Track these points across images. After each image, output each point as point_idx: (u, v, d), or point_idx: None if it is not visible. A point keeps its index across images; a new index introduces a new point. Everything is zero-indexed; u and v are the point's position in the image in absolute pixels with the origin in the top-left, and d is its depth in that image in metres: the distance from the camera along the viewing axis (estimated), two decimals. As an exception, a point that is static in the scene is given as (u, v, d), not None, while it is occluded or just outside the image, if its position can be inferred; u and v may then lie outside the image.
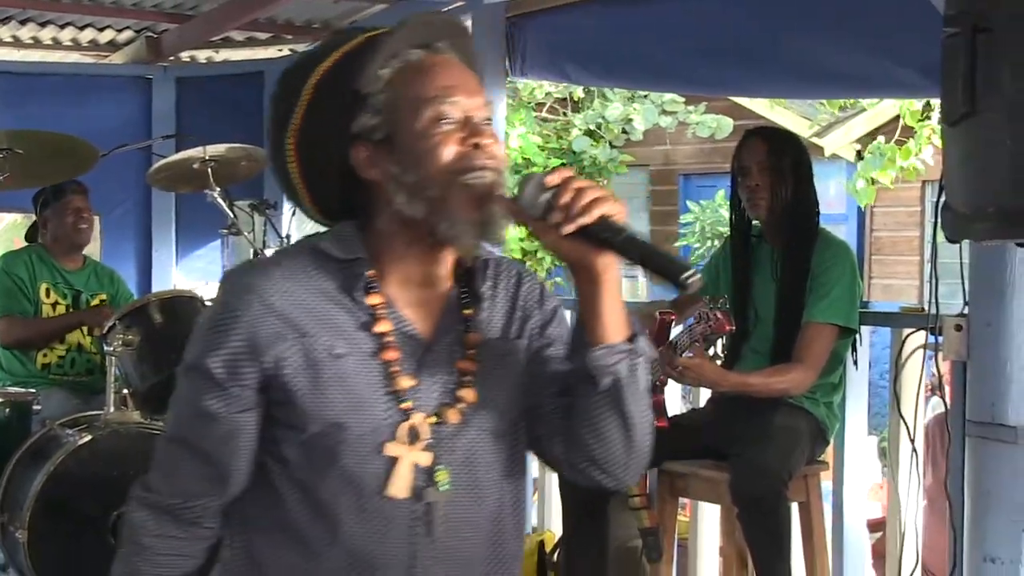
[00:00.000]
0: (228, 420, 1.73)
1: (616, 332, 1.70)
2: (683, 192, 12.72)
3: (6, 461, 4.22)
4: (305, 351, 1.70)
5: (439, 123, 1.71)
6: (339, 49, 1.79)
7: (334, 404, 1.70)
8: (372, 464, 1.70)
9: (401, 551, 1.72)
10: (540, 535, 4.87)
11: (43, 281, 5.01)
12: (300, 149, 1.77)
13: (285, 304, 1.71)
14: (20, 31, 6.26)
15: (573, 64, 5.30)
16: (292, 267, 1.75)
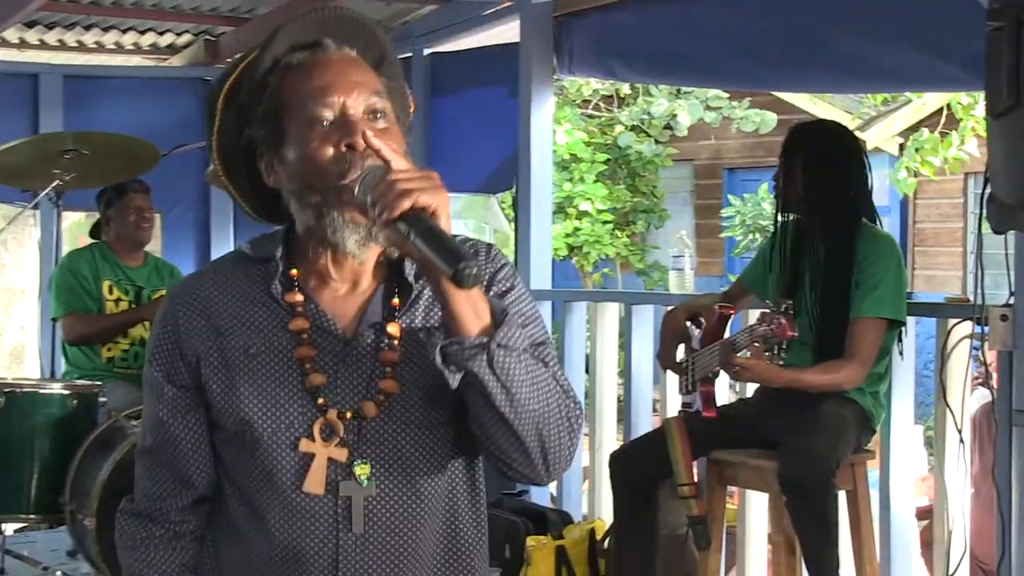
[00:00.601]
0: (174, 424, 1.74)
1: (472, 326, 1.58)
2: (728, 186, 12.67)
3: (74, 451, 4.26)
4: (221, 350, 1.70)
5: (312, 127, 1.66)
6: (241, 64, 1.75)
7: (246, 402, 1.68)
8: (287, 461, 1.67)
9: (326, 546, 1.68)
10: (591, 523, 4.86)
11: (106, 278, 5.05)
12: (223, 164, 1.76)
13: (208, 305, 1.72)
14: (85, 36, 6.32)
15: (619, 61, 5.29)
16: (220, 271, 1.77)
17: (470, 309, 1.58)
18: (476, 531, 1.80)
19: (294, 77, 1.69)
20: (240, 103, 1.71)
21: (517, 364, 1.59)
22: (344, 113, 1.66)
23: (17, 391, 4.33)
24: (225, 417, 1.70)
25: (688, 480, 3.78)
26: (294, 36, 1.71)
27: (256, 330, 1.70)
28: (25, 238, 8.05)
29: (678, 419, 3.87)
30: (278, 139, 1.69)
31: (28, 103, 6.13)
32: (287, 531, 1.68)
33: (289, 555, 1.68)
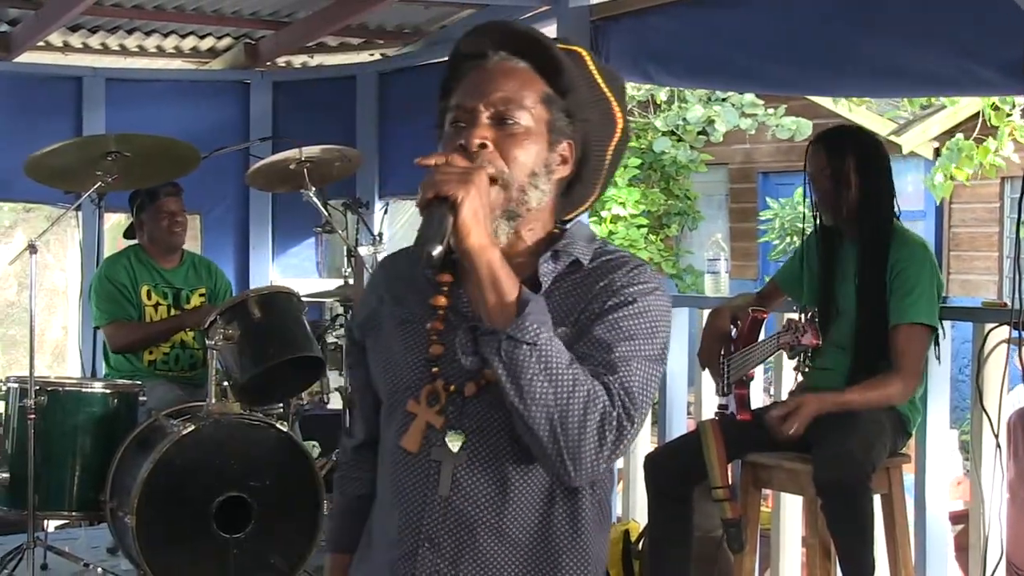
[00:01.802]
0: (352, 374, 2.04)
1: (494, 314, 1.69)
2: (762, 190, 12.61)
3: (114, 449, 4.28)
4: (378, 316, 1.93)
5: (449, 130, 1.83)
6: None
7: (384, 363, 1.90)
8: (397, 417, 1.85)
9: (415, 502, 1.81)
10: (625, 524, 4.85)
11: (144, 284, 5.07)
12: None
13: (387, 277, 1.97)
14: (127, 40, 6.35)
15: (656, 66, 5.26)
16: (408, 250, 1.90)
17: (493, 295, 1.69)
18: (573, 541, 1.82)
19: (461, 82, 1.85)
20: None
21: (528, 357, 1.66)
22: (474, 114, 1.81)
23: (59, 390, 4.37)
24: (373, 373, 1.93)
25: (723, 483, 3.76)
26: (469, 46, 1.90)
27: (410, 302, 1.89)
28: (67, 239, 8.09)
29: (713, 422, 3.86)
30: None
31: (72, 106, 6.17)
32: (393, 481, 1.86)
33: (394, 503, 1.85)
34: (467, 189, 1.68)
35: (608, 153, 1.92)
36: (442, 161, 1.72)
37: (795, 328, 3.65)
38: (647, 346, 1.77)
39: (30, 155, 4.72)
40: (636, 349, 1.76)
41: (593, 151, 1.90)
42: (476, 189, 1.69)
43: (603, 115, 1.90)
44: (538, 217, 1.85)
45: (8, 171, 5.69)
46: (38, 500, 4.21)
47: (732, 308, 4.01)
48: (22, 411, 4.25)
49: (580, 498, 1.82)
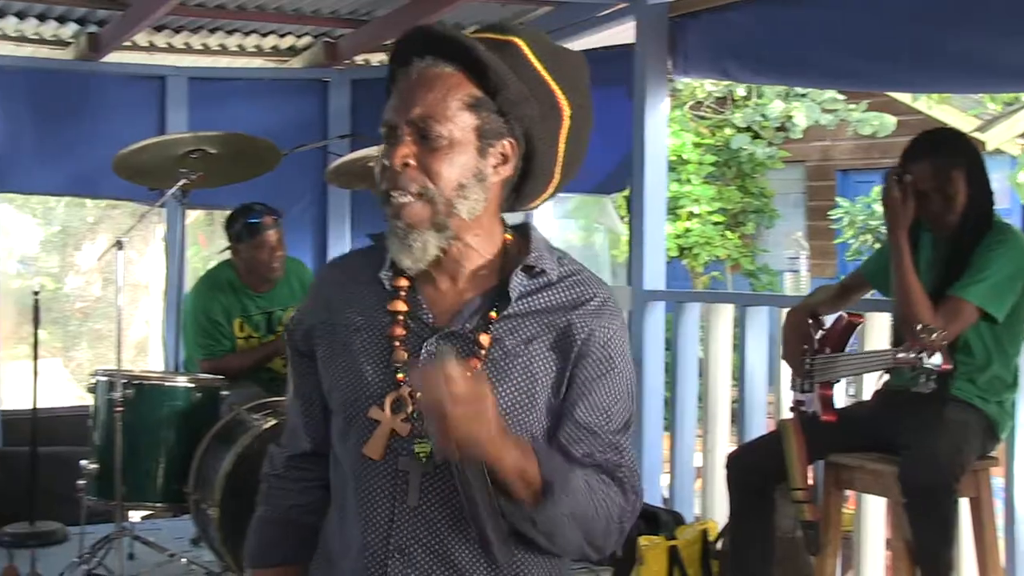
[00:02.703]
0: (297, 384, 1.98)
1: (521, 492, 1.70)
2: (840, 188, 12.47)
3: (197, 442, 4.34)
4: (329, 324, 1.88)
5: (382, 148, 1.80)
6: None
7: (339, 369, 1.86)
8: (358, 425, 1.81)
9: (382, 512, 1.79)
10: (703, 524, 4.82)
11: (236, 317, 5.08)
12: None
13: (330, 285, 1.93)
14: (209, 39, 6.43)
15: (735, 63, 5.24)
16: (350, 256, 2.01)
17: (518, 480, 1.69)
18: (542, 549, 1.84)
19: (392, 93, 1.83)
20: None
21: (561, 518, 1.72)
22: (396, 127, 1.78)
23: (145, 384, 4.44)
24: (325, 382, 1.89)
25: (802, 484, 3.73)
26: (400, 54, 1.85)
27: (362, 308, 1.86)
28: (149, 235, 8.25)
29: (795, 422, 3.82)
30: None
31: (155, 105, 6.26)
32: (356, 493, 1.83)
33: (357, 514, 1.82)
34: (485, 432, 1.62)
35: (560, 143, 1.86)
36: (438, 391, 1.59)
37: (920, 348, 3.27)
38: (630, 406, 1.89)
39: (118, 153, 4.80)
40: (624, 418, 1.88)
41: (540, 144, 1.84)
42: (490, 420, 1.63)
43: (546, 106, 1.84)
44: (478, 223, 1.83)
45: (95, 169, 5.80)
46: (125, 491, 4.28)
47: (811, 304, 3.97)
48: (109, 404, 4.32)
49: None
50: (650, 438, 5.37)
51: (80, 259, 11.07)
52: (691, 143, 10.90)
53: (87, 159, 5.97)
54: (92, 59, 6.14)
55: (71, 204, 10.69)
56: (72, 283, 11.14)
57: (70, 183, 6.30)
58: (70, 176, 6.16)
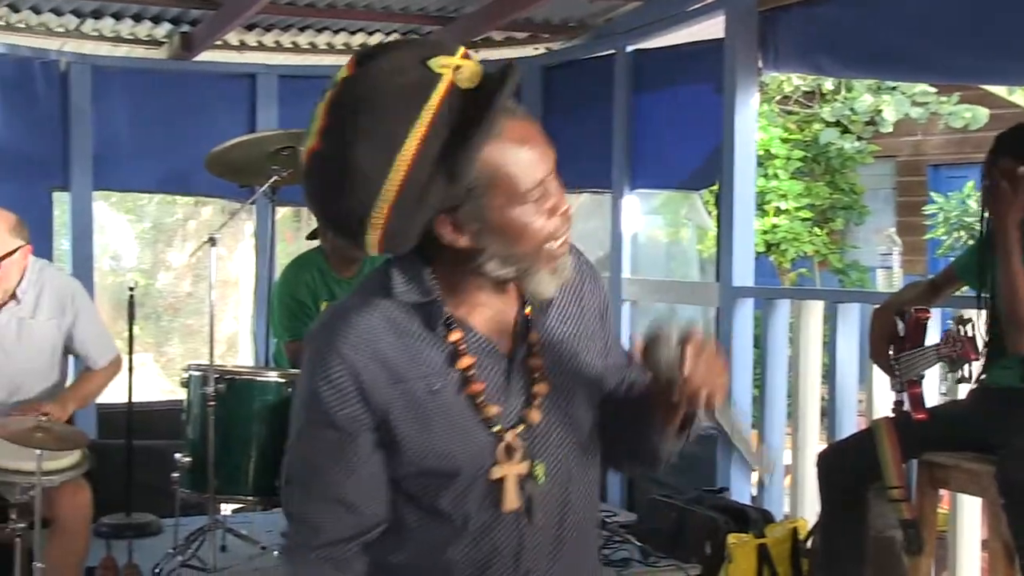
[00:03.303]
0: (364, 467, 1.76)
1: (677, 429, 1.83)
2: (932, 183, 12.27)
3: (288, 436, 4.38)
4: (405, 393, 1.73)
5: (528, 200, 1.69)
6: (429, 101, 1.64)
7: (442, 437, 1.74)
8: (480, 486, 1.77)
9: (511, 542, 1.80)
10: (793, 522, 4.78)
11: (322, 299, 5.13)
12: (391, 213, 1.66)
13: (380, 350, 1.73)
14: (298, 37, 6.49)
15: (827, 57, 5.18)
16: (376, 312, 1.76)
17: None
18: (595, 521, 2.00)
19: (501, 147, 1.67)
20: (438, 158, 1.64)
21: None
22: (547, 178, 1.72)
23: (237, 378, 4.49)
24: (422, 454, 1.75)
25: (898, 483, 3.69)
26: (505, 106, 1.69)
27: (430, 368, 1.75)
28: (238, 232, 8.35)
29: (887, 420, 3.78)
30: (483, 205, 1.68)
31: (246, 102, 6.33)
32: (478, 542, 1.80)
33: (478, 560, 1.80)
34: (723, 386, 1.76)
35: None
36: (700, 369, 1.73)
37: (953, 341, 3.58)
38: None
39: (210, 150, 4.87)
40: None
41: None
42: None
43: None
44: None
45: (187, 166, 5.89)
46: (217, 484, 4.35)
47: (898, 303, 3.91)
48: (202, 398, 4.39)
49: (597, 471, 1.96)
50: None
51: (171, 256, 11.25)
52: (779, 138, 10.80)
53: (179, 157, 6.07)
54: (185, 58, 6.24)
55: (162, 201, 10.87)
56: (163, 279, 11.32)
57: (163, 180, 6.40)
58: (163, 174, 6.27)
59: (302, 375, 1.79)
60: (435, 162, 1.63)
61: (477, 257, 1.73)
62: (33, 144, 5.91)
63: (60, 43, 6.16)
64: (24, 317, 4.18)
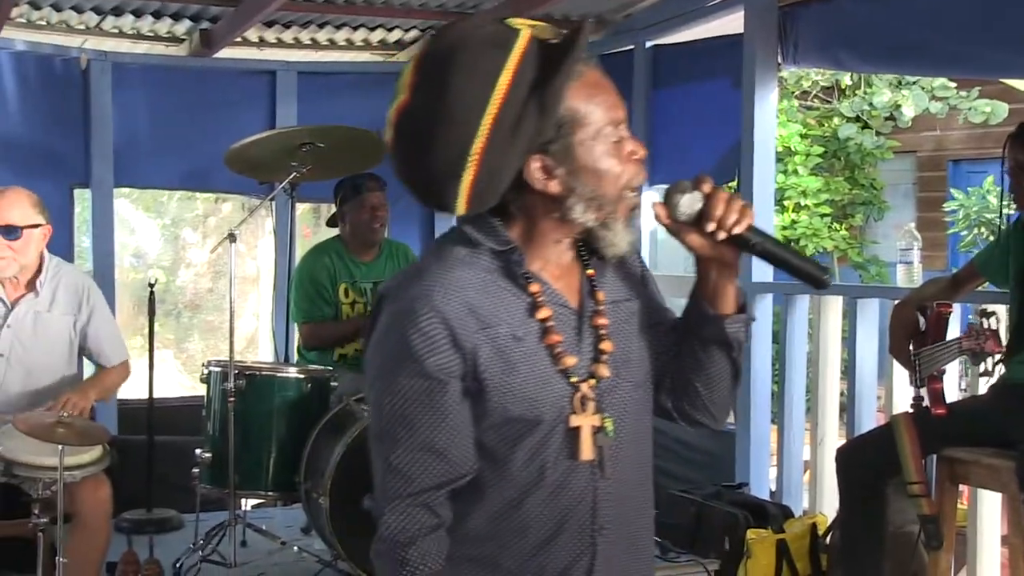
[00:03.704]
0: (456, 415, 1.78)
1: (734, 304, 1.91)
2: (952, 178, 12.22)
3: (308, 433, 4.41)
4: (491, 339, 1.77)
5: (610, 139, 1.79)
6: (507, 54, 1.73)
7: (526, 383, 1.79)
8: (558, 435, 1.81)
9: (586, 496, 1.84)
10: (812, 517, 4.78)
11: (342, 282, 5.17)
12: (486, 150, 1.72)
13: (468, 298, 1.77)
14: (318, 34, 6.50)
15: (847, 51, 5.16)
16: (462, 264, 1.80)
17: (736, 293, 1.91)
18: (651, 482, 2.02)
19: (588, 89, 1.78)
20: (529, 99, 1.72)
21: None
22: (624, 126, 1.83)
23: (257, 374, 4.52)
24: (507, 400, 1.78)
25: (918, 478, 3.68)
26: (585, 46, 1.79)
27: (513, 316, 1.80)
28: (258, 228, 8.37)
29: (906, 416, 3.77)
30: (571, 146, 1.77)
31: (266, 99, 6.36)
32: (556, 496, 1.82)
33: (556, 515, 1.83)
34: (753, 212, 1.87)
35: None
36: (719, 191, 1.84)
37: (977, 334, 3.58)
38: None
39: (230, 147, 4.89)
40: None
41: None
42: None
43: None
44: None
45: (206, 163, 5.92)
46: (237, 480, 4.38)
47: (919, 298, 3.90)
48: (223, 394, 4.41)
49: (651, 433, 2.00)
50: (758, 431, 5.34)
51: (191, 253, 11.29)
52: (798, 134, 10.76)
53: (199, 153, 6.09)
54: (205, 55, 6.26)
55: (182, 198, 10.91)
56: (183, 276, 11.36)
57: (183, 177, 6.43)
58: (183, 170, 6.30)
59: (385, 331, 1.80)
60: (526, 96, 1.72)
61: (564, 201, 1.79)
62: (54, 141, 5.94)
63: (81, 40, 6.19)
64: (41, 311, 4.19)
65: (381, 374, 1.81)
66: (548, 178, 1.77)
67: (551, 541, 1.84)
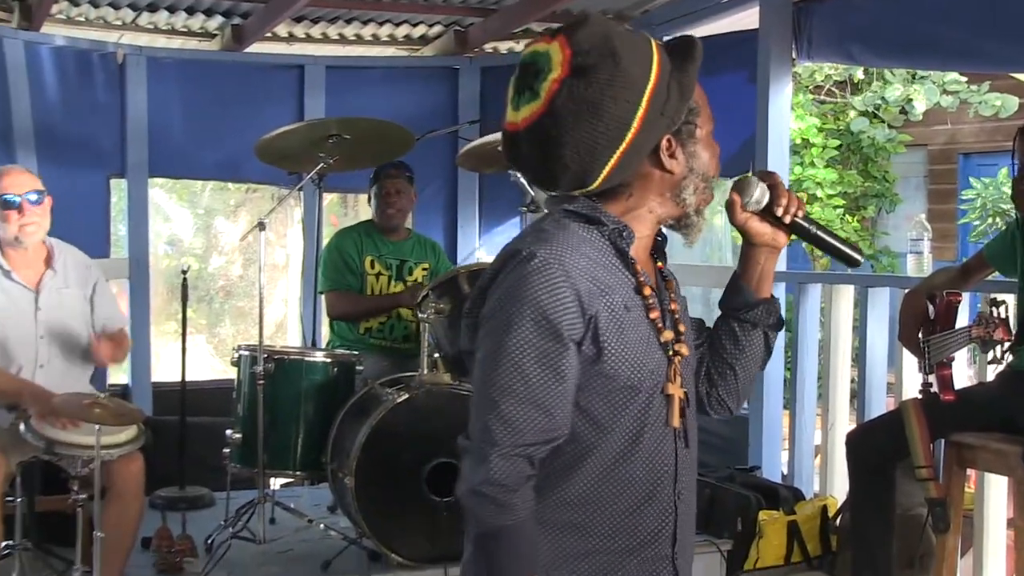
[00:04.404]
0: (570, 377, 1.82)
1: (771, 289, 2.06)
2: (963, 171, 12.15)
3: (334, 415, 4.42)
4: (609, 307, 1.83)
5: (710, 131, 1.92)
6: (651, 43, 1.85)
7: (629, 347, 1.85)
8: (657, 401, 1.88)
9: (671, 462, 1.92)
10: (822, 500, 4.78)
11: (368, 255, 5.23)
12: (641, 126, 1.81)
13: (589, 269, 1.83)
14: (345, 29, 6.52)
15: (860, 46, 5.14)
16: (579, 238, 1.86)
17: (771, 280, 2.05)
18: None
19: (698, 85, 1.89)
20: (673, 86, 1.83)
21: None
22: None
23: (285, 358, 4.53)
24: (619, 363, 1.84)
25: (926, 462, 3.67)
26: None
27: (624, 289, 1.87)
28: (287, 217, 8.39)
29: (915, 401, 3.76)
30: (692, 131, 1.89)
31: (294, 92, 6.37)
32: (650, 460, 1.89)
33: (649, 479, 1.89)
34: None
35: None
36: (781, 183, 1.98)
37: (986, 323, 3.57)
38: None
39: (260, 138, 4.89)
40: None
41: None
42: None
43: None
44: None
45: (238, 154, 5.94)
46: (266, 459, 4.39)
47: (929, 287, 3.89)
48: (252, 377, 4.43)
49: None
50: (771, 416, 5.33)
51: (223, 241, 11.32)
52: (815, 127, 10.72)
53: (231, 144, 6.11)
54: (236, 50, 6.28)
55: (215, 188, 10.94)
56: (215, 263, 11.40)
57: (215, 168, 6.45)
58: (215, 161, 6.31)
59: (514, 287, 1.82)
60: (669, 80, 1.82)
61: (681, 181, 1.90)
62: (91, 132, 5.97)
63: (117, 35, 6.22)
64: (60, 288, 4.25)
65: (505, 327, 1.81)
66: (674, 159, 1.88)
67: (644, 505, 1.89)
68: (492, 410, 1.81)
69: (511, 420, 1.80)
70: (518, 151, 1.87)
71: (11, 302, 4.16)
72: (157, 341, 6.43)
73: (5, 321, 4.14)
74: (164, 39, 6.39)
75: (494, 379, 1.82)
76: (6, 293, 4.16)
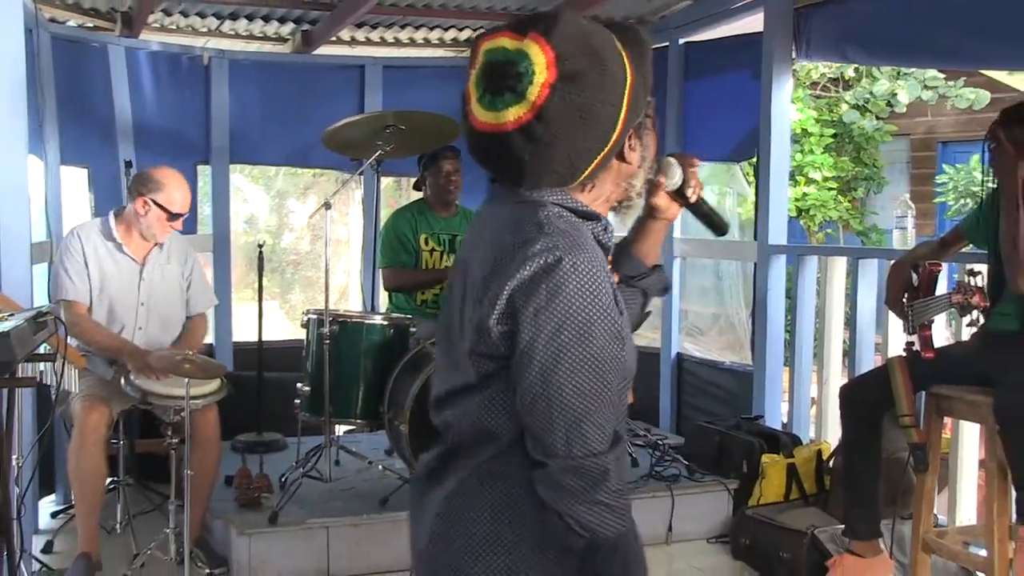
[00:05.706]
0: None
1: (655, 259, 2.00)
2: (941, 157, 12.04)
3: (391, 370, 4.43)
4: (618, 300, 1.61)
5: (653, 120, 1.77)
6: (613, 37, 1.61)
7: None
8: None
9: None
10: (818, 445, 4.76)
11: (423, 232, 5.20)
12: (624, 124, 1.62)
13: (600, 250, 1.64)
14: (401, 33, 6.49)
15: (854, 47, 5.07)
16: (579, 227, 1.63)
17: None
18: None
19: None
20: (642, 85, 1.63)
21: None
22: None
23: (348, 321, 4.53)
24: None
25: (909, 411, 3.64)
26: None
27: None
28: (348, 198, 8.37)
29: (900, 358, 3.73)
30: (645, 124, 1.71)
31: (356, 89, 6.35)
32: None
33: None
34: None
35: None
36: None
37: (965, 290, 3.54)
38: None
39: (326, 129, 4.89)
40: None
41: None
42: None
43: None
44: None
45: (306, 143, 5.93)
46: (331, 409, 4.41)
47: (913, 258, 3.85)
48: (319, 338, 4.44)
49: None
50: (772, 372, 5.31)
51: (293, 219, 11.35)
52: (813, 119, 10.65)
53: (300, 135, 6.11)
54: (305, 52, 6.27)
55: (287, 173, 10.94)
56: (287, 239, 11.42)
57: (287, 155, 6.45)
58: (287, 149, 6.31)
59: (580, 301, 1.53)
60: (637, 74, 1.61)
61: (637, 170, 1.71)
62: (181, 125, 5.99)
63: (203, 41, 6.22)
64: (163, 264, 4.29)
65: (583, 335, 1.54)
66: (632, 150, 1.68)
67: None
68: (586, 418, 1.55)
69: (604, 425, 1.56)
70: (496, 150, 1.60)
71: (120, 272, 4.20)
72: (236, 307, 6.45)
73: (114, 288, 4.18)
74: (243, 43, 6.39)
75: (581, 387, 1.54)
76: (117, 264, 4.20)
